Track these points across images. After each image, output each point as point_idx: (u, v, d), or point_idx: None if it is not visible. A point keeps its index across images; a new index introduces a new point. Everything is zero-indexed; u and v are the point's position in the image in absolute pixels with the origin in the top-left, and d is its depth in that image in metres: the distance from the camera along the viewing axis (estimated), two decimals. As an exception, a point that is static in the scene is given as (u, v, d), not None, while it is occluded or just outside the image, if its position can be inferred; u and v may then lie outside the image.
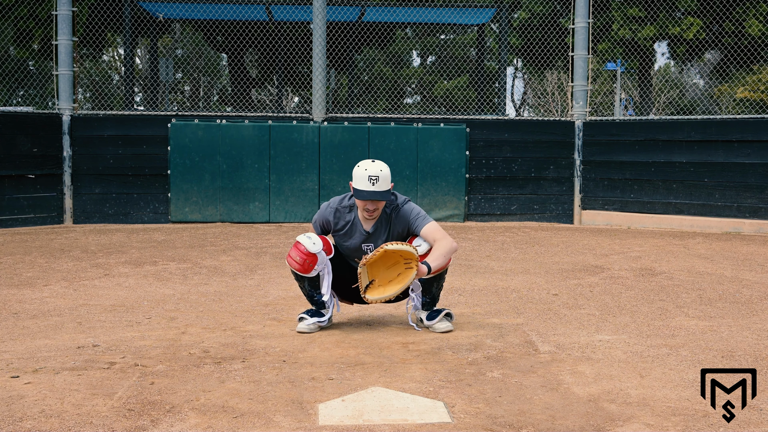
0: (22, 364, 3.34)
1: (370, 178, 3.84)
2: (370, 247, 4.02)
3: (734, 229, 8.84)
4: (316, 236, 3.94)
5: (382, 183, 3.86)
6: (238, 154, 9.36)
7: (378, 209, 3.93)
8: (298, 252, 3.88)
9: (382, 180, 3.86)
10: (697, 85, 25.61)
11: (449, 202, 9.59)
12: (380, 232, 4.00)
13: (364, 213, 3.95)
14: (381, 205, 3.93)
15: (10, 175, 8.83)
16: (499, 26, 13.69)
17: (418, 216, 4.00)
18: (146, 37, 15.53)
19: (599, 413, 2.79)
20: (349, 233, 4.02)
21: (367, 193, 3.83)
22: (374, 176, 3.84)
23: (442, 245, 3.91)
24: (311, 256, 3.87)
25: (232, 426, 2.66)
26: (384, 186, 3.87)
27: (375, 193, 3.83)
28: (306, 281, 3.97)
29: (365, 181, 3.84)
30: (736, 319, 4.33)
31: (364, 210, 3.93)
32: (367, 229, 4.00)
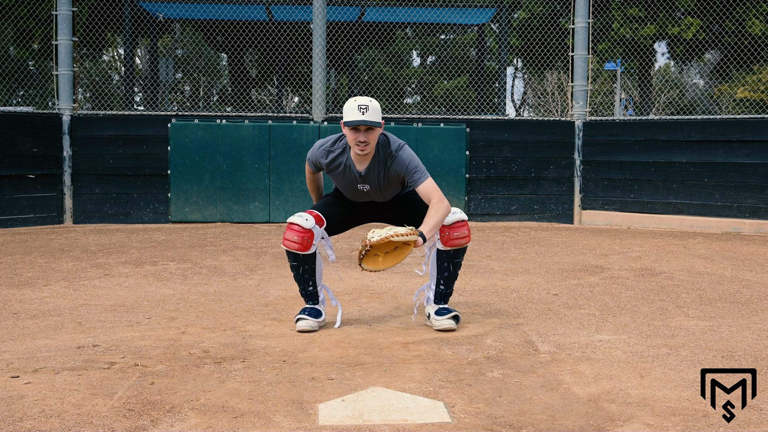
0: (22, 364, 3.34)
1: (360, 107, 3.76)
2: (365, 187, 3.98)
3: (734, 229, 8.84)
4: (305, 213, 3.93)
5: (372, 113, 3.77)
6: (238, 154, 9.36)
7: (370, 144, 3.83)
8: (294, 232, 3.88)
9: (372, 110, 3.77)
10: (697, 85, 25.61)
11: (449, 202, 9.58)
12: (374, 174, 3.94)
13: (356, 149, 3.84)
14: (373, 137, 3.83)
15: (10, 175, 8.83)
16: (499, 26, 13.69)
17: (416, 170, 3.90)
18: (146, 37, 15.54)
19: (599, 413, 2.79)
20: (342, 173, 3.98)
21: (358, 121, 3.74)
22: (363, 105, 3.76)
23: (436, 213, 3.83)
24: (308, 232, 3.88)
25: (232, 426, 2.66)
26: (375, 117, 3.78)
27: (365, 121, 3.74)
28: (302, 266, 3.96)
29: (355, 111, 3.76)
30: (736, 319, 4.33)
31: (355, 144, 3.82)
32: (360, 171, 3.94)
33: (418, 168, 3.91)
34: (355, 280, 5.45)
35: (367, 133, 3.80)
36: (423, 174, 3.91)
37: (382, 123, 3.85)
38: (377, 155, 3.93)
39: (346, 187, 4.04)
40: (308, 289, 4.03)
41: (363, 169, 3.93)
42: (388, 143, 3.95)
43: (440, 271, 4.05)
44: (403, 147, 3.95)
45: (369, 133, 3.80)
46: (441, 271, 4.06)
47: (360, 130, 3.79)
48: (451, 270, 4.07)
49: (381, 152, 3.93)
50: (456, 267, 4.07)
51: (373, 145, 3.87)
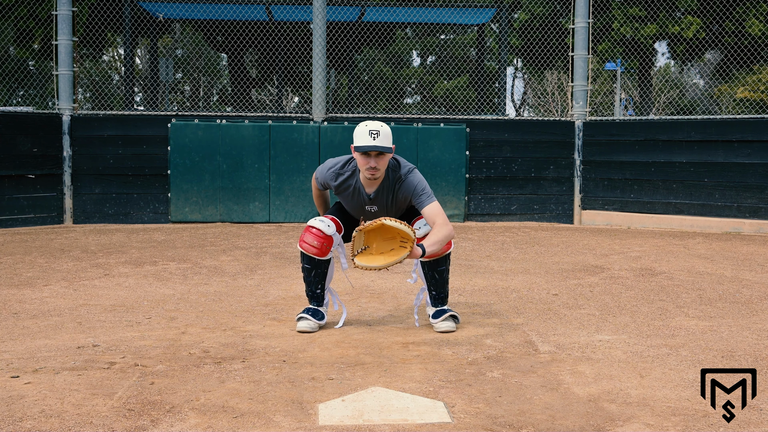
0: (22, 364, 3.34)
1: (371, 132, 3.75)
2: (373, 208, 3.98)
3: (734, 229, 8.84)
4: (326, 218, 3.94)
5: (384, 139, 3.76)
6: (238, 154, 9.36)
7: (380, 170, 3.82)
8: (314, 236, 3.87)
9: (384, 136, 3.77)
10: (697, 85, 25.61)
11: (449, 202, 9.59)
12: (383, 196, 3.95)
13: (366, 174, 3.83)
14: (383, 163, 3.82)
15: (10, 175, 8.83)
16: (499, 26, 13.69)
17: (423, 192, 3.90)
18: (146, 37, 15.53)
19: (599, 413, 2.79)
20: (351, 196, 3.98)
21: (369, 147, 3.73)
22: (375, 131, 3.75)
23: (440, 231, 3.82)
24: (328, 239, 3.89)
25: (232, 426, 2.66)
26: (386, 142, 3.77)
27: (376, 146, 3.73)
28: (315, 269, 3.96)
29: (366, 136, 3.75)
30: (736, 319, 4.33)
31: (366, 170, 3.81)
32: (369, 193, 3.94)
33: (425, 191, 3.91)
34: (354, 280, 5.45)
35: (377, 158, 3.79)
36: (429, 197, 3.90)
37: (393, 148, 3.84)
38: (387, 179, 3.93)
39: (353, 207, 4.04)
40: (316, 291, 4.04)
41: (372, 191, 3.94)
42: (399, 167, 3.95)
43: (428, 279, 4.07)
44: (413, 171, 3.95)
45: (380, 158, 3.79)
46: (429, 279, 4.07)
47: (371, 156, 3.78)
48: (437, 277, 4.05)
49: (390, 175, 3.93)
50: (441, 273, 4.04)
51: (383, 170, 3.86)
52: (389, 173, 3.93)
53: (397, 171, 3.94)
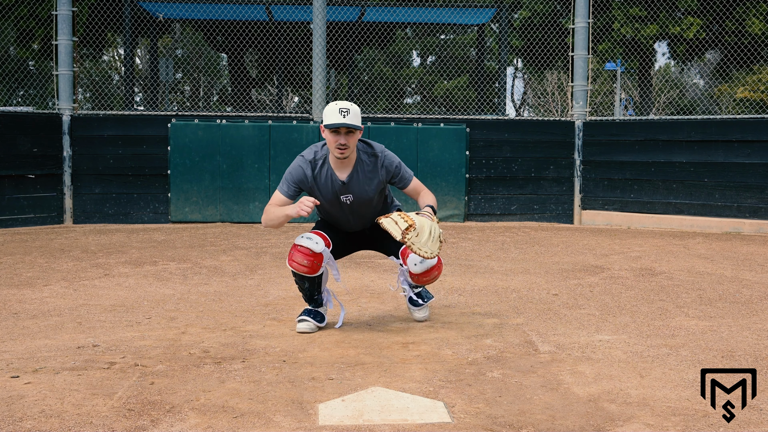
0: (22, 364, 3.34)
1: (341, 110, 3.74)
2: (349, 198, 3.92)
3: (734, 229, 8.84)
4: (313, 234, 3.88)
5: (353, 117, 3.75)
6: (238, 154, 9.36)
7: (350, 147, 3.80)
8: (303, 256, 3.82)
9: (353, 114, 3.76)
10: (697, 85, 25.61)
11: (449, 202, 9.59)
12: (357, 181, 3.90)
13: (335, 152, 3.79)
14: (353, 141, 3.80)
15: (10, 175, 8.83)
16: (499, 26, 13.69)
17: (402, 169, 3.98)
18: (146, 37, 15.53)
19: (599, 413, 2.79)
20: (325, 185, 3.90)
21: (339, 124, 3.71)
22: (345, 109, 3.75)
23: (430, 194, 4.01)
24: (317, 256, 3.84)
25: (232, 426, 2.66)
26: (355, 120, 3.76)
27: (346, 123, 3.72)
28: (308, 282, 3.96)
29: (336, 114, 3.74)
30: (736, 319, 4.33)
31: (336, 148, 3.77)
32: (342, 179, 3.89)
33: (403, 166, 4.01)
34: (355, 280, 5.45)
35: (347, 136, 3.77)
36: (409, 171, 4.04)
37: (362, 128, 3.84)
38: (360, 161, 3.91)
39: (329, 202, 3.94)
40: (313, 297, 4.04)
41: (345, 176, 3.90)
42: (371, 147, 3.96)
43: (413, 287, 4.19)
44: (386, 150, 4.00)
45: (349, 136, 3.78)
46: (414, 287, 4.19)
47: (340, 133, 3.77)
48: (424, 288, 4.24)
49: (364, 157, 3.92)
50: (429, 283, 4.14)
51: (353, 149, 3.84)
52: (361, 155, 3.91)
53: (370, 149, 3.95)
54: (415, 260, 3.87)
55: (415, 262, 3.87)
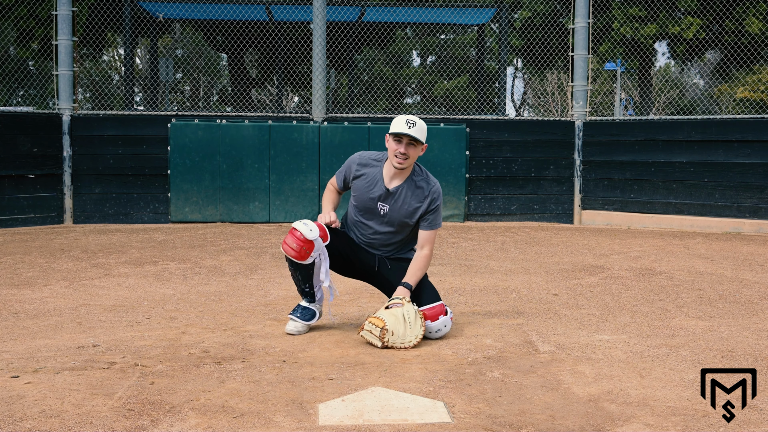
0: (22, 364, 3.34)
1: (408, 121, 3.84)
2: (384, 209, 3.96)
3: (734, 229, 8.84)
4: (312, 223, 3.87)
5: (418, 131, 3.84)
6: (238, 154, 9.36)
7: (409, 159, 3.87)
8: (294, 239, 3.82)
9: (419, 128, 3.85)
10: (697, 85, 25.61)
11: (449, 202, 9.59)
12: (401, 195, 3.94)
13: (394, 161, 3.87)
14: (413, 153, 3.87)
15: (10, 175, 8.84)
16: (499, 26, 13.69)
17: (436, 213, 3.98)
18: (146, 37, 15.53)
19: (599, 413, 2.79)
20: (368, 185, 3.98)
21: (403, 133, 3.80)
22: (412, 121, 3.85)
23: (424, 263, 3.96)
24: (308, 243, 3.81)
25: (232, 426, 2.66)
26: (420, 134, 3.84)
27: (410, 134, 3.80)
28: (299, 271, 3.92)
29: (402, 124, 3.84)
30: (736, 319, 4.33)
31: (395, 156, 3.86)
32: (388, 187, 3.95)
33: (439, 211, 4.00)
34: (355, 280, 5.44)
35: (408, 146, 3.84)
36: (437, 222, 4.01)
37: (425, 145, 3.92)
38: (411, 180, 3.96)
39: (364, 203, 3.99)
40: (304, 289, 4.01)
41: (392, 186, 3.95)
42: (428, 176, 4.02)
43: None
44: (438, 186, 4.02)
45: (410, 147, 3.85)
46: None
47: (402, 142, 3.84)
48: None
49: (417, 179, 3.97)
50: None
51: (412, 161, 3.91)
52: (414, 174, 3.98)
53: (423, 175, 4.01)
54: (431, 328, 3.83)
55: (431, 330, 3.83)
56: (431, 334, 3.81)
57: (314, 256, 3.85)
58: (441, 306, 3.87)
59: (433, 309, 3.85)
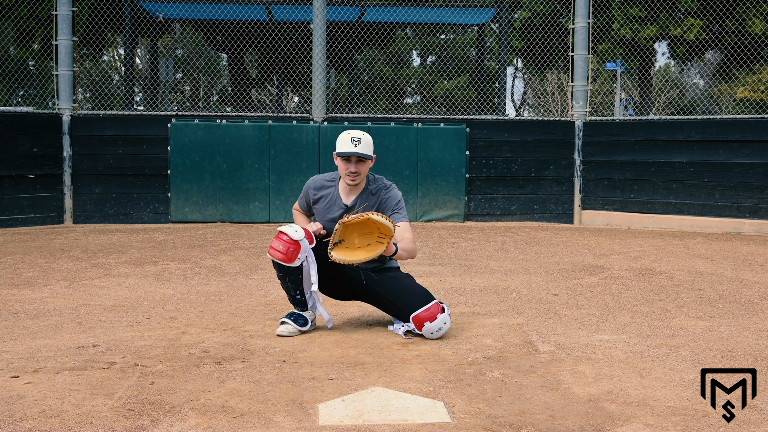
0: (22, 364, 3.34)
1: (353, 139, 3.92)
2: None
3: (734, 229, 8.84)
4: (297, 225, 3.94)
5: (365, 147, 3.92)
6: (238, 154, 9.36)
7: (361, 175, 3.97)
8: (280, 241, 3.85)
9: (365, 144, 3.93)
10: (697, 85, 25.61)
11: (449, 202, 9.59)
12: (360, 207, 4.01)
13: (346, 180, 3.97)
14: (364, 169, 3.97)
15: (10, 175, 8.84)
16: (500, 26, 13.69)
17: (400, 209, 4.05)
18: (146, 37, 15.54)
19: (599, 413, 2.79)
20: (328, 206, 4.07)
21: (350, 153, 3.89)
22: (357, 138, 3.92)
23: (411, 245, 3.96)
24: (294, 244, 3.82)
25: (232, 426, 2.66)
26: (366, 150, 3.93)
27: (357, 152, 3.88)
28: (288, 277, 3.89)
29: (348, 143, 3.92)
30: (736, 319, 4.33)
31: (346, 175, 3.96)
32: (347, 203, 4.03)
33: (402, 207, 4.08)
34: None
35: (358, 164, 3.94)
36: (405, 214, 4.08)
37: (374, 157, 4.00)
38: (366, 189, 4.05)
39: (329, 225, 4.02)
40: (296, 297, 3.97)
41: (350, 201, 4.03)
42: (377, 180, 4.11)
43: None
44: (393, 187, 4.10)
45: (360, 164, 3.94)
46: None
47: (351, 161, 3.93)
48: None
49: (371, 186, 4.06)
50: None
51: (363, 176, 4.01)
52: (369, 184, 4.07)
53: (378, 182, 4.09)
54: (431, 329, 3.80)
55: (432, 331, 3.80)
56: (432, 334, 3.80)
57: (302, 258, 3.84)
58: (436, 305, 3.85)
59: (429, 310, 3.82)
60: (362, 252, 3.78)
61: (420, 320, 3.80)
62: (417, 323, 3.81)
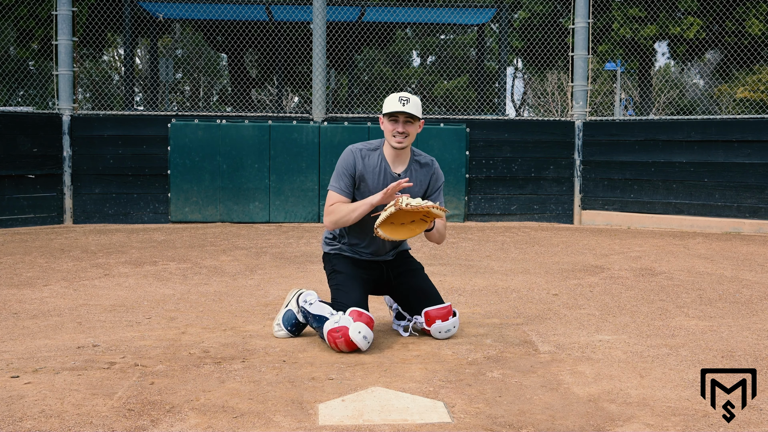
0: (22, 364, 3.34)
1: (401, 98, 3.68)
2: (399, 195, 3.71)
3: (734, 229, 8.84)
4: (364, 326, 3.50)
5: (413, 106, 3.68)
6: (238, 154, 9.36)
7: (409, 136, 3.72)
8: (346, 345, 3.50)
9: (413, 104, 3.69)
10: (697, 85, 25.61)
11: (449, 202, 9.59)
12: (412, 178, 3.80)
13: (392, 141, 3.71)
14: (412, 131, 3.73)
15: (10, 175, 8.84)
16: (499, 26, 13.69)
17: (441, 190, 3.90)
18: (146, 37, 15.54)
19: (599, 413, 2.79)
20: (377, 177, 3.76)
21: (398, 111, 3.65)
22: (405, 97, 3.69)
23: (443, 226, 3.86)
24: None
25: (232, 426, 2.66)
26: (415, 110, 3.68)
27: (405, 111, 3.65)
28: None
29: (395, 102, 3.68)
30: (736, 319, 4.33)
31: (392, 135, 3.71)
32: (398, 172, 3.79)
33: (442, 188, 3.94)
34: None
35: (405, 125, 3.70)
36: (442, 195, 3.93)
37: (422, 121, 3.79)
38: (414, 160, 3.84)
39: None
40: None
41: (401, 170, 3.80)
42: (424, 155, 3.93)
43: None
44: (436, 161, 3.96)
45: (408, 125, 3.71)
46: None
47: (399, 121, 3.70)
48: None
49: (420, 159, 3.86)
50: None
51: (412, 139, 3.76)
52: (414, 154, 3.85)
53: (424, 156, 3.90)
54: (440, 328, 3.76)
55: (440, 330, 3.77)
56: (440, 333, 3.80)
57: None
58: (450, 307, 3.85)
59: (443, 309, 3.81)
60: (405, 230, 3.62)
61: (431, 317, 3.77)
62: (427, 318, 3.79)
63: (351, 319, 3.52)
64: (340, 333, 3.49)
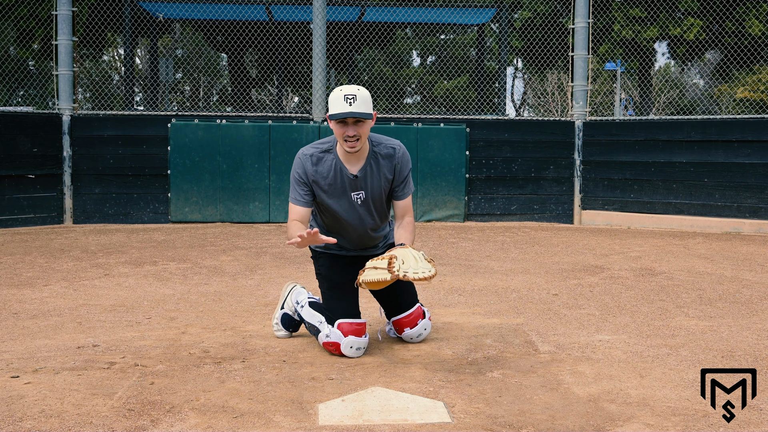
0: (22, 364, 3.34)
1: (346, 97, 3.27)
2: (360, 197, 3.49)
3: (734, 229, 8.84)
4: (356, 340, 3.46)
5: (361, 103, 3.28)
6: (238, 154, 9.36)
7: (361, 138, 3.34)
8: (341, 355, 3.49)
9: (361, 100, 3.28)
10: (697, 85, 25.62)
11: (449, 202, 9.59)
12: (369, 177, 3.48)
13: (345, 146, 3.36)
14: (364, 131, 3.35)
15: (10, 175, 8.83)
16: (500, 26, 13.70)
17: (409, 180, 3.58)
18: (146, 37, 15.54)
19: (599, 413, 2.79)
20: (333, 181, 3.46)
21: (345, 114, 3.26)
22: (350, 95, 3.27)
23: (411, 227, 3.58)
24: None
25: (232, 426, 2.66)
26: (364, 107, 3.29)
27: (353, 112, 3.26)
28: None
29: (341, 102, 3.27)
30: (736, 319, 4.33)
31: (343, 140, 3.34)
32: (354, 173, 3.45)
33: (410, 176, 3.62)
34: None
35: (356, 126, 3.33)
36: (411, 186, 3.63)
37: (374, 114, 3.40)
38: (373, 153, 3.49)
39: (337, 202, 3.51)
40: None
41: (357, 170, 3.47)
42: (381, 139, 3.55)
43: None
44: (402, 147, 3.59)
45: (359, 126, 3.33)
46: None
47: (348, 124, 3.33)
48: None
49: (377, 148, 3.50)
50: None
51: (365, 140, 3.40)
52: (374, 145, 3.49)
53: (381, 142, 3.52)
54: (410, 336, 3.69)
55: (411, 337, 3.70)
56: (411, 339, 3.73)
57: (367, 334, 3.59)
58: (418, 310, 3.71)
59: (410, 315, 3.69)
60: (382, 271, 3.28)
61: (400, 325, 3.71)
62: (397, 328, 3.74)
63: (341, 334, 3.46)
64: (333, 347, 3.50)
